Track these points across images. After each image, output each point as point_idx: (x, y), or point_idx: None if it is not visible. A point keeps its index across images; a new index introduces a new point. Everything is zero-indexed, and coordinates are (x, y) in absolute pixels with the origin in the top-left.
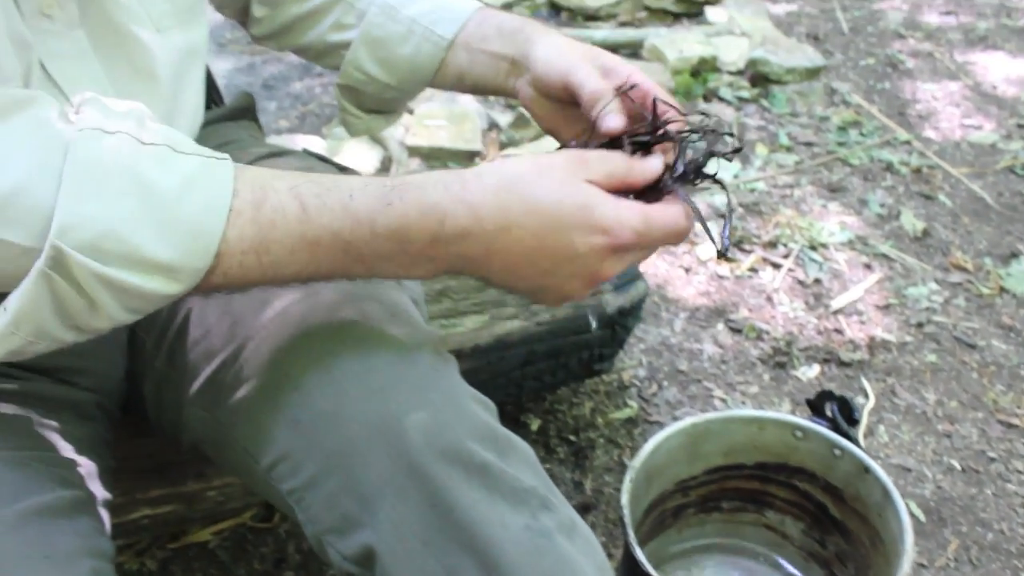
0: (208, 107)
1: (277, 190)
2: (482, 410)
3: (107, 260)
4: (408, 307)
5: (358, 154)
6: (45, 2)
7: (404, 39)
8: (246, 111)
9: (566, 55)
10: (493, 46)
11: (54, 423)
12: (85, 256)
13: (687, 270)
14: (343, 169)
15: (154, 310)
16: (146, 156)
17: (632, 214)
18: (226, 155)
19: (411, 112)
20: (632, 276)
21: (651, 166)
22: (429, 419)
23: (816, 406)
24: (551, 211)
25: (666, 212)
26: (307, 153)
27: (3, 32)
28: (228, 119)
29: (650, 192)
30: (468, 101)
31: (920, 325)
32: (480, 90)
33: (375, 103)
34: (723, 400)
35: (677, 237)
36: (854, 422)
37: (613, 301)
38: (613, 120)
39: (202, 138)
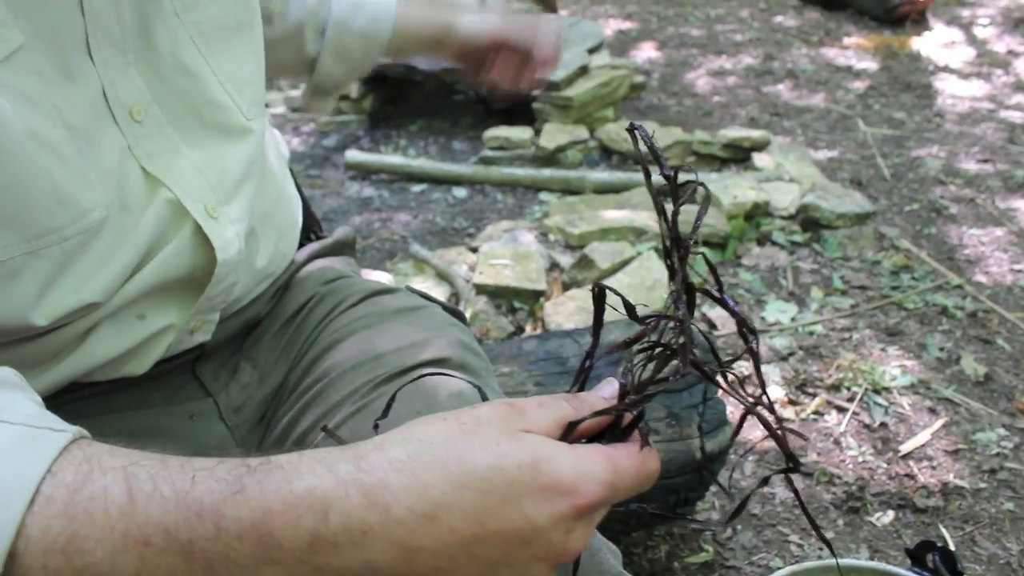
0: (309, 238)
1: (107, 469)
2: (615, 561)
3: None
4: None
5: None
6: (134, 109)
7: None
8: (348, 246)
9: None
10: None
11: None
12: None
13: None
14: (448, 309)
15: None
16: None
17: (596, 463)
18: (74, 428)
19: (475, 251)
20: (720, 421)
21: (601, 395)
22: None
23: (917, 556)
24: (490, 480)
25: (633, 452)
26: (410, 290)
27: (89, 168)
28: (331, 253)
29: (608, 432)
30: (530, 241)
31: (993, 471)
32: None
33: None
34: (799, 545)
35: (649, 480)
36: (958, 574)
37: (702, 446)
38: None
39: (312, 274)
